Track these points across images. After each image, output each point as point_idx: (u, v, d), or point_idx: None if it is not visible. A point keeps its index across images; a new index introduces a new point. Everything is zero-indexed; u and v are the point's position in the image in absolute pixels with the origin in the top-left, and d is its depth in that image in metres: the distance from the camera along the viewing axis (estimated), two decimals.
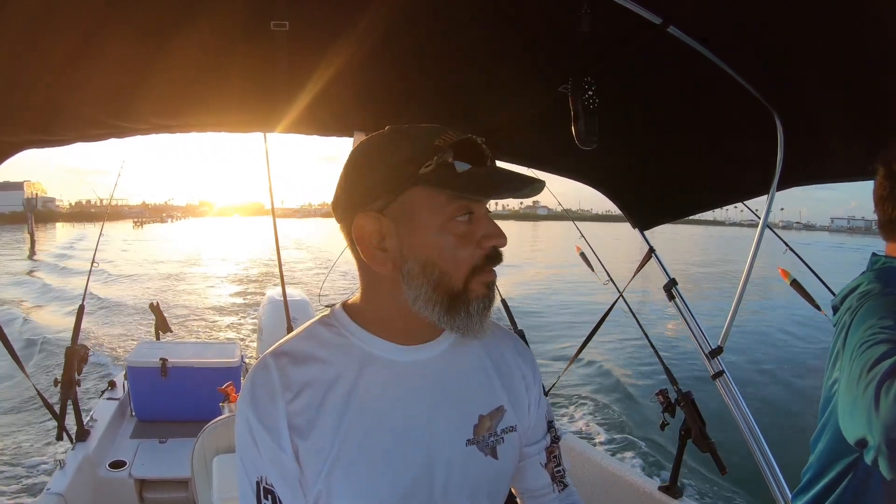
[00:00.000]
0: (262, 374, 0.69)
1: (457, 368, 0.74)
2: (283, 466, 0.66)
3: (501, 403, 0.75)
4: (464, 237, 0.65)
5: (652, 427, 5.44)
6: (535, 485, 0.83)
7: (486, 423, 0.73)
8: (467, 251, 0.65)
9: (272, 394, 0.67)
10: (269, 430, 0.66)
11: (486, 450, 0.73)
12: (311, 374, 0.69)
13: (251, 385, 0.69)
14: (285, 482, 0.66)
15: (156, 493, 2.61)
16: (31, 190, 77.39)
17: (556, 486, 0.83)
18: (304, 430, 0.66)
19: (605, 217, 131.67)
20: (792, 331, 10.34)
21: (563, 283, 15.79)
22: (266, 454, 0.66)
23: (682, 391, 1.97)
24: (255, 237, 34.81)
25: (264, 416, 0.66)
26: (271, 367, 0.69)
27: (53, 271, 17.25)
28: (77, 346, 2.54)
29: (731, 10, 0.94)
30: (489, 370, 0.77)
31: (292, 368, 0.68)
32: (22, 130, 1.15)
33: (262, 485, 0.67)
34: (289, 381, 0.68)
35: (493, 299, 0.69)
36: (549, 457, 0.83)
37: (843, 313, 1.02)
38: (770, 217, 1.31)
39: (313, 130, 1.45)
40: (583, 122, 1.09)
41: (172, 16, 0.93)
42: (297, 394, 0.67)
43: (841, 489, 1.07)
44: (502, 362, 0.79)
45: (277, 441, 0.66)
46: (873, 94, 1.02)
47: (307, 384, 0.68)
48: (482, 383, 0.75)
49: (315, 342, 0.72)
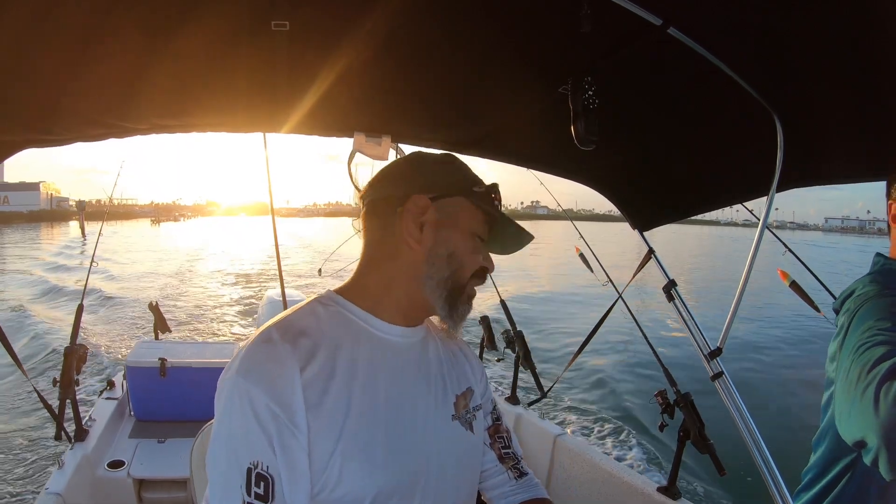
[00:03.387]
0: (267, 346, 0.68)
1: (433, 353, 0.86)
2: (292, 447, 0.64)
3: (469, 385, 0.89)
4: (475, 249, 0.81)
5: (651, 428, 5.45)
6: (486, 468, 0.92)
7: (462, 402, 0.85)
8: (474, 259, 0.81)
9: (283, 364, 0.66)
10: (282, 405, 0.64)
11: (466, 425, 0.83)
12: (320, 347, 0.70)
13: (253, 359, 0.66)
14: (290, 465, 0.64)
15: (154, 493, 2.61)
16: (45, 190, 79.56)
17: (509, 473, 0.92)
18: (315, 402, 0.66)
19: (606, 217, 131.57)
20: (792, 331, 10.35)
21: (564, 283, 15.78)
22: (272, 435, 0.63)
23: (680, 392, 1.97)
24: (261, 236, 35.82)
25: (275, 390, 0.64)
26: (276, 339, 0.68)
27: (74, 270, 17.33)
28: (76, 345, 2.54)
29: (731, 11, 0.94)
30: (453, 358, 0.90)
31: (302, 339, 0.70)
32: (22, 129, 1.15)
33: (256, 470, 0.62)
34: (299, 351, 0.68)
35: (470, 307, 0.82)
36: (494, 437, 0.93)
37: (842, 316, 1.02)
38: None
39: (314, 131, 1.44)
40: (582, 123, 1.09)
41: (172, 15, 0.93)
42: (307, 364, 0.68)
43: (840, 489, 1.07)
44: (458, 351, 0.92)
45: (291, 417, 0.64)
46: (874, 95, 1.02)
47: (314, 357, 0.69)
48: (452, 366, 0.88)
49: (314, 317, 0.75)
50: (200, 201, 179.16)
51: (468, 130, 1.57)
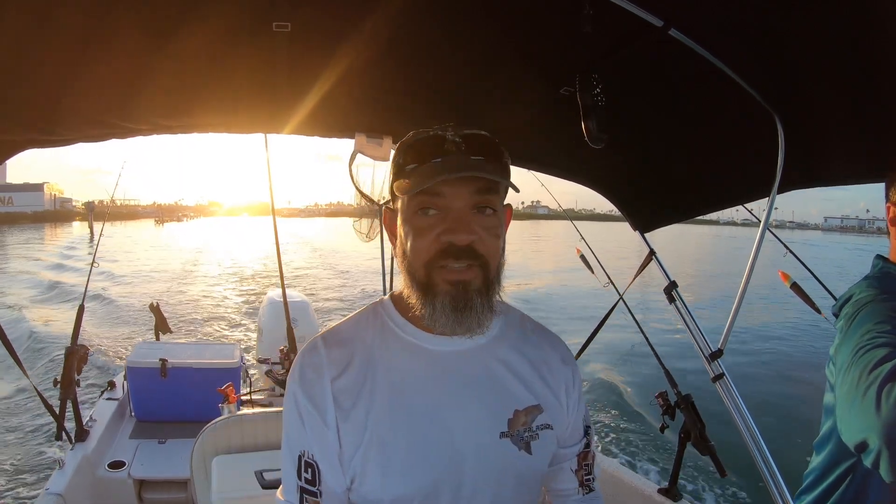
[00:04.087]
0: (311, 353, 0.75)
1: (494, 363, 0.78)
2: (326, 442, 0.71)
3: (538, 401, 0.78)
4: (420, 230, 0.69)
5: (651, 429, 5.44)
6: (562, 486, 0.87)
7: (522, 418, 0.76)
8: (421, 242, 0.69)
9: (319, 372, 0.73)
10: (315, 406, 0.72)
11: (521, 444, 0.76)
12: (355, 356, 0.75)
13: (300, 365, 0.75)
14: (326, 457, 0.72)
15: (155, 494, 2.61)
16: (49, 191, 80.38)
17: (581, 490, 0.87)
18: (346, 408, 0.72)
19: (607, 217, 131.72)
20: (793, 333, 10.33)
21: (564, 283, 15.78)
22: (311, 430, 0.72)
23: (681, 394, 1.97)
24: (263, 236, 36.31)
25: (311, 393, 0.72)
26: (320, 348, 0.75)
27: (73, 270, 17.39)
28: (77, 346, 2.54)
29: (731, 12, 0.94)
30: (528, 368, 0.80)
31: (338, 350, 0.75)
32: (23, 130, 1.15)
33: (304, 458, 0.72)
34: (334, 360, 0.74)
35: (465, 299, 0.69)
36: (581, 463, 0.86)
37: (841, 320, 1.02)
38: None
39: (315, 131, 1.44)
40: (593, 120, 1.09)
41: (174, 16, 0.93)
42: (342, 373, 0.73)
43: (841, 491, 1.07)
44: (542, 363, 0.81)
45: (323, 417, 0.71)
46: (874, 96, 1.02)
47: (350, 365, 0.74)
48: (520, 380, 0.79)
49: (361, 328, 0.78)
50: (203, 202, 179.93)
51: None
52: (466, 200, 0.68)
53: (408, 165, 0.70)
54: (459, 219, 0.68)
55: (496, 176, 0.68)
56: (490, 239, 0.70)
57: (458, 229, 0.67)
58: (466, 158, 0.68)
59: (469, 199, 0.68)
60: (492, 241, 0.70)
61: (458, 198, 0.68)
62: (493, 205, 0.70)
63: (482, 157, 0.69)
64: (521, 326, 0.84)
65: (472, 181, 0.68)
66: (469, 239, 0.68)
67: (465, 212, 0.68)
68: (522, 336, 0.82)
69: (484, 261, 0.69)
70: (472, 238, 0.68)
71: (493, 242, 0.70)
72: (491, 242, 0.70)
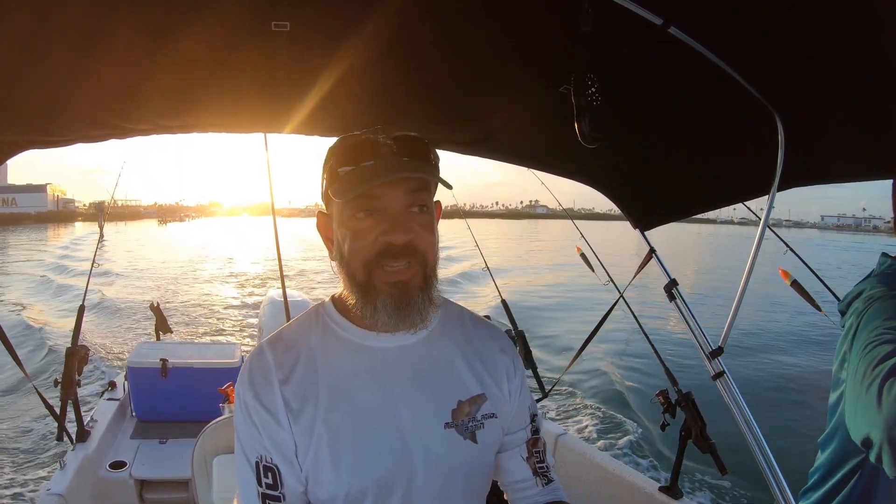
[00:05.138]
0: (258, 358, 0.77)
1: (436, 356, 0.80)
2: (282, 443, 0.73)
3: (482, 391, 0.81)
4: (358, 232, 0.71)
5: (652, 427, 5.44)
6: (517, 477, 0.88)
7: (466, 408, 0.79)
8: (359, 244, 0.71)
9: (268, 376, 0.75)
10: (267, 409, 0.73)
11: (465, 433, 0.78)
12: (300, 358, 0.76)
13: (248, 369, 0.76)
14: (286, 458, 0.72)
15: (156, 494, 2.61)
16: (52, 192, 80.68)
17: (538, 480, 0.88)
18: (295, 409, 0.73)
19: (607, 216, 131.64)
20: (794, 330, 10.34)
21: (564, 283, 15.78)
22: (266, 432, 0.72)
23: (682, 392, 1.97)
24: (263, 235, 36.68)
25: (262, 396, 0.73)
26: (266, 352, 0.77)
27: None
28: (77, 346, 2.54)
29: (731, 11, 0.94)
30: (470, 359, 0.83)
31: (284, 354, 0.77)
32: (23, 130, 1.15)
33: (262, 463, 0.72)
34: (281, 364, 0.76)
35: (406, 297, 0.72)
36: (531, 451, 0.88)
37: (850, 317, 1.02)
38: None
39: (314, 131, 1.44)
40: (586, 120, 1.09)
41: (173, 16, 0.93)
42: (289, 376, 0.75)
43: (848, 489, 1.07)
44: (485, 352, 0.85)
45: (276, 418, 0.73)
46: (875, 94, 1.02)
47: (295, 367, 0.76)
48: (462, 370, 0.81)
49: (304, 331, 0.80)
50: (203, 202, 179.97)
51: (469, 130, 1.57)
52: (402, 200, 0.71)
53: (341, 168, 0.72)
54: (397, 219, 0.71)
55: (430, 175, 0.71)
56: (426, 235, 0.73)
57: (396, 229, 0.70)
58: (399, 160, 0.71)
59: (404, 199, 0.71)
60: (428, 237, 0.73)
61: (395, 199, 0.71)
62: (426, 202, 0.74)
63: (413, 157, 0.72)
64: (461, 319, 0.87)
65: (406, 181, 0.71)
66: (407, 238, 0.70)
67: (402, 212, 0.71)
68: (462, 328, 0.86)
69: (422, 257, 0.73)
70: (409, 237, 0.71)
71: (429, 238, 0.73)
72: (427, 238, 0.73)
